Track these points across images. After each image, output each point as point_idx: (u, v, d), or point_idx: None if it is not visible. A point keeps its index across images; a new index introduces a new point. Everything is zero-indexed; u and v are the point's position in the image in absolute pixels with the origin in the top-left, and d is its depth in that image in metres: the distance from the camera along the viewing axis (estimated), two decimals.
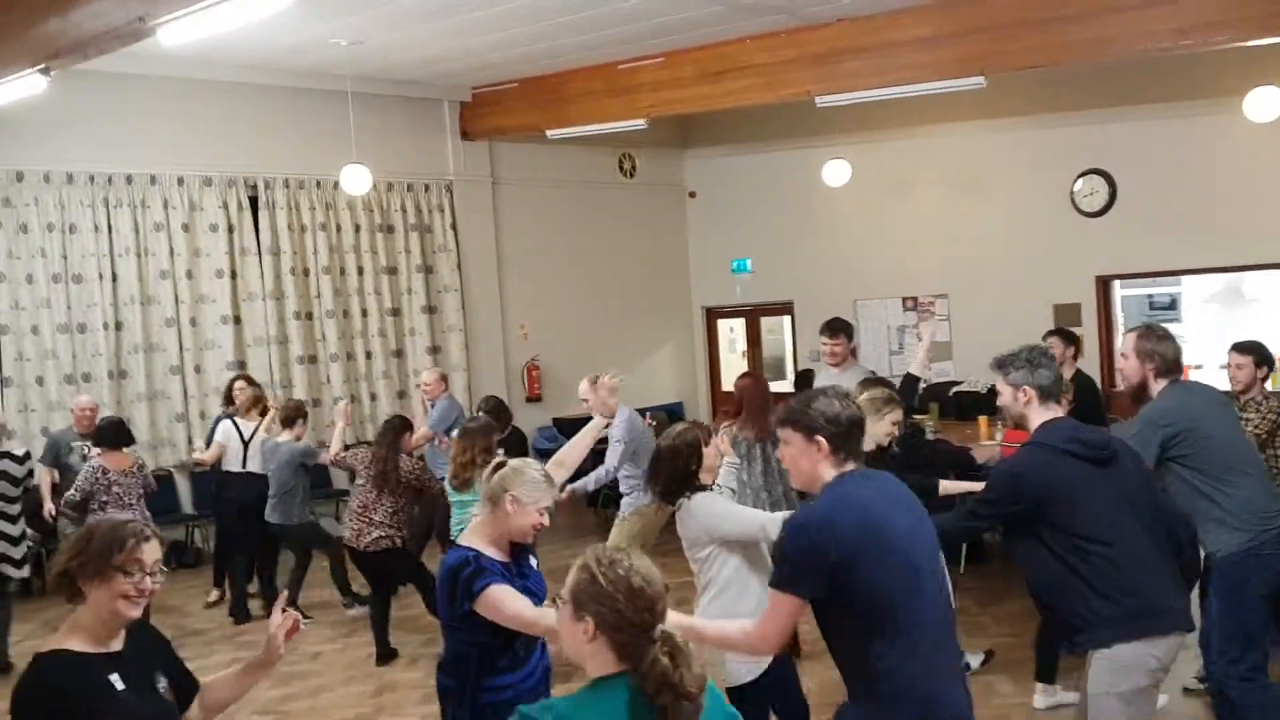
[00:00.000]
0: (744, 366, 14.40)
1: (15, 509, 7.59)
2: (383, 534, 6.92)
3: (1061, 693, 5.38)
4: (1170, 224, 10.69)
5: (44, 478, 8.49)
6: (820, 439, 3.07)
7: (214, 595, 8.92)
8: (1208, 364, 10.10)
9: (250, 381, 9.29)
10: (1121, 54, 8.99)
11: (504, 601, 3.46)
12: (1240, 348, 5.80)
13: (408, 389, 11.81)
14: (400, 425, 7.35)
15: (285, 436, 8.10)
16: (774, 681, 4.02)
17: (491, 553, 3.58)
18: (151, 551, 2.73)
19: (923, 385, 7.66)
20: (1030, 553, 3.67)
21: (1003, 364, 3.80)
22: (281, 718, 6.10)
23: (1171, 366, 4.47)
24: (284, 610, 2.99)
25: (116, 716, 2.60)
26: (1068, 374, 6.71)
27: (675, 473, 4.12)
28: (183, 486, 10.44)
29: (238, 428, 8.54)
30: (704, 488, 4.15)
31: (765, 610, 3.07)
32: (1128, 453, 3.79)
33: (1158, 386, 4.45)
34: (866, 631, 2.95)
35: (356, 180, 9.84)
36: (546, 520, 3.66)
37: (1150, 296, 13.48)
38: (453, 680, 3.64)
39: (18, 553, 7.53)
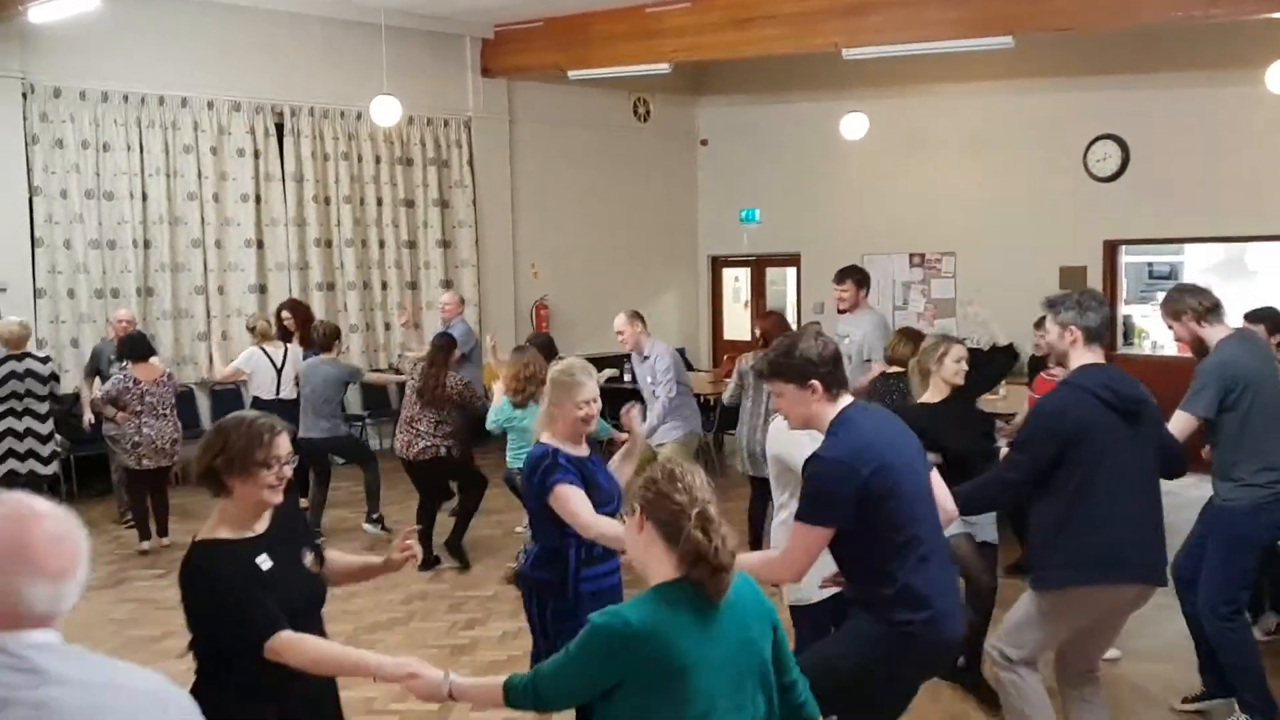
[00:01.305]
0: (747, 316, 14.67)
1: (44, 408, 7.84)
2: (429, 444, 7.37)
3: None
4: (1181, 192, 10.89)
5: (84, 388, 8.71)
6: (814, 383, 3.24)
7: None
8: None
9: (296, 310, 9.44)
10: (1151, 19, 9.14)
11: (568, 500, 3.70)
12: (1253, 316, 5.90)
13: (421, 320, 12.04)
14: (447, 344, 7.69)
15: (325, 357, 8.34)
16: (840, 604, 4.18)
17: (569, 449, 3.83)
18: (284, 444, 2.92)
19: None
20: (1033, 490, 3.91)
21: (1054, 303, 3.98)
22: None
23: (1211, 308, 4.63)
24: (407, 543, 3.23)
25: (267, 592, 2.82)
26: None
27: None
28: (203, 403, 10.68)
29: (268, 355, 8.66)
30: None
31: (792, 541, 3.27)
32: (1154, 410, 3.96)
33: (1217, 333, 4.60)
34: (882, 551, 3.21)
35: (386, 111, 9.98)
36: (594, 409, 3.94)
37: (1150, 265, 13.71)
38: (548, 573, 3.81)
39: (45, 450, 7.77)
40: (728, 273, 15.13)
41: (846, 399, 3.30)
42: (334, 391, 8.30)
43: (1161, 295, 5.25)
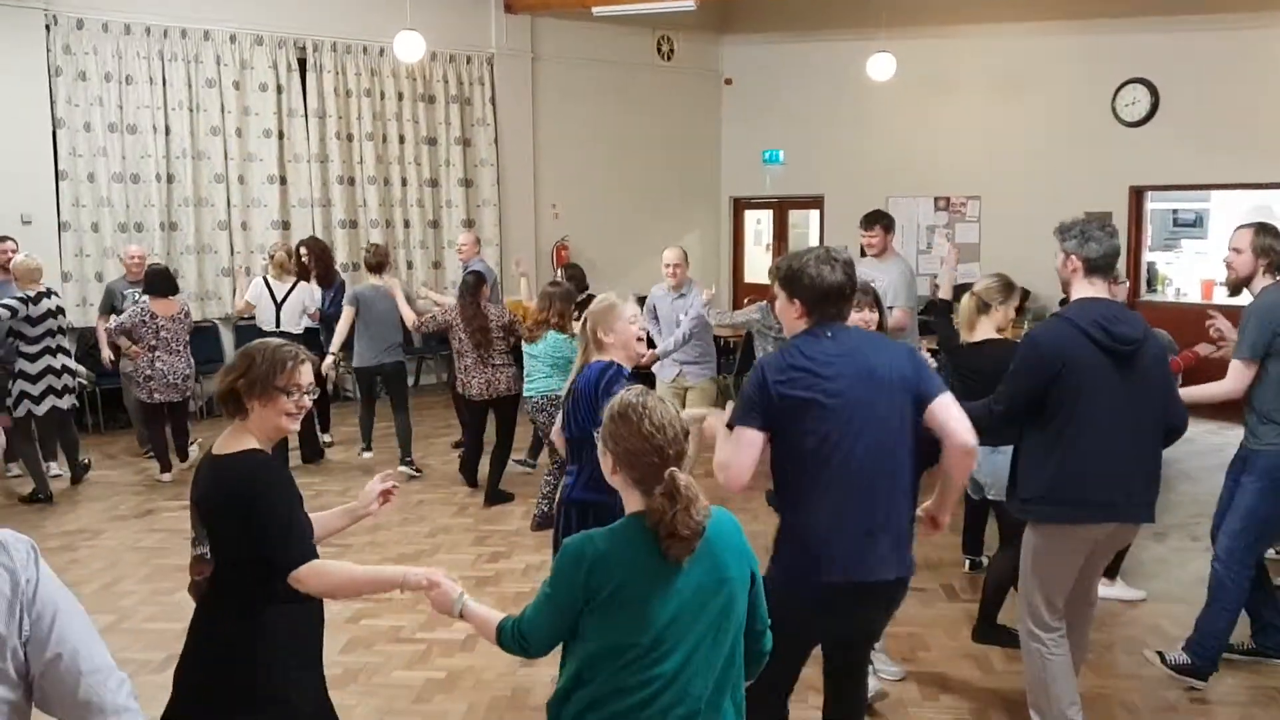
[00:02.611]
0: (768, 259, 14.61)
1: (58, 341, 7.90)
2: (508, 382, 7.60)
3: None
4: (1211, 138, 10.77)
5: (100, 325, 8.77)
6: (797, 301, 3.26)
7: None
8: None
9: (313, 248, 9.42)
10: None
11: None
12: None
13: (443, 260, 12.06)
14: (475, 281, 7.74)
15: (375, 280, 8.46)
16: None
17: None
18: (306, 374, 2.90)
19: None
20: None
21: (1062, 229, 3.94)
22: (343, 550, 6.46)
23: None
24: (387, 474, 3.21)
25: (301, 506, 2.88)
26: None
27: None
28: (226, 338, 10.75)
29: (269, 286, 8.66)
30: None
31: (726, 446, 3.25)
32: (1155, 350, 3.90)
33: (1263, 282, 4.60)
34: (789, 478, 3.20)
35: (409, 47, 9.91)
36: (640, 330, 4.17)
37: (1175, 212, 13.57)
38: (600, 493, 3.50)
39: (60, 383, 7.86)
40: (749, 214, 15.05)
41: (828, 329, 3.25)
42: (398, 317, 8.35)
43: (1186, 242, 5.19)
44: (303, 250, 9.30)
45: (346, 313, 8.34)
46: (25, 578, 1.85)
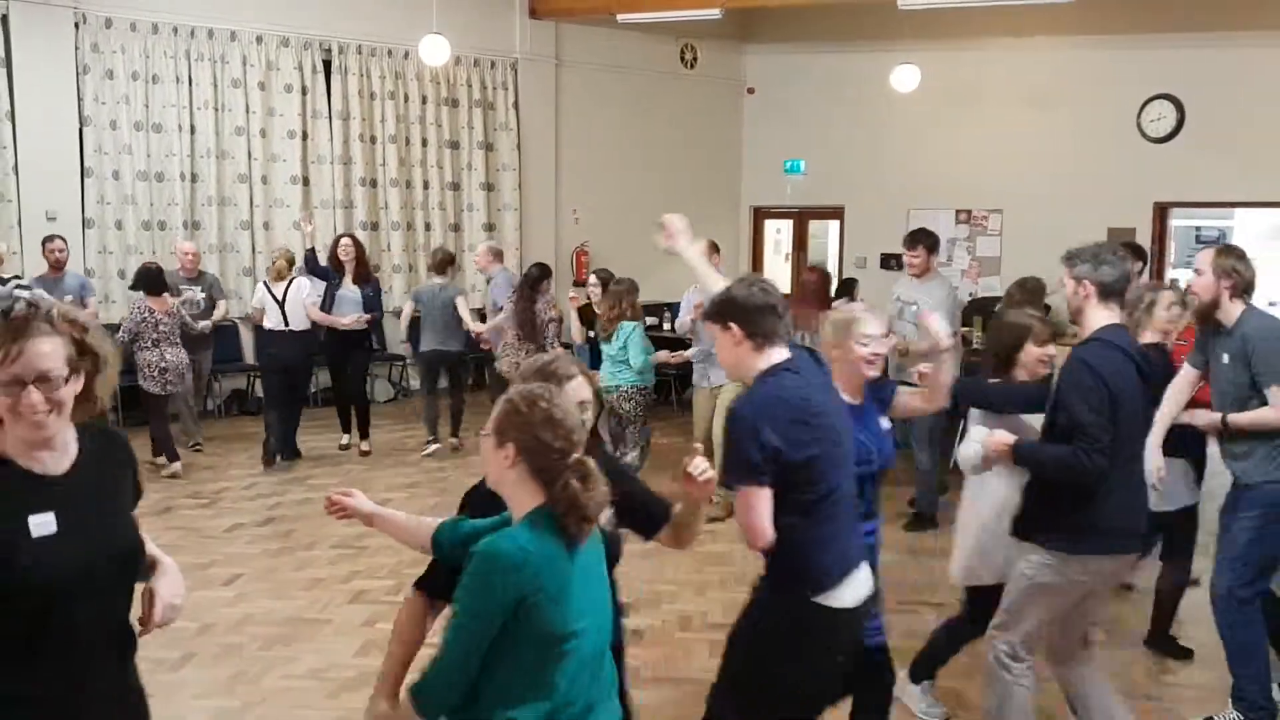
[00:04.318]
0: (788, 269, 14.60)
1: None
2: None
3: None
4: (1236, 155, 10.71)
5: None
6: (733, 326, 3.13)
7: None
8: (1257, 302, 10.20)
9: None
10: None
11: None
12: None
13: (464, 264, 12.08)
14: (539, 274, 8.39)
15: (439, 280, 9.11)
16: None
17: (847, 396, 3.59)
18: (38, 360, 2.12)
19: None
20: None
21: (1070, 256, 3.82)
22: (359, 552, 6.50)
23: (1247, 287, 4.42)
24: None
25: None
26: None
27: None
28: (246, 338, 10.78)
29: (270, 291, 8.77)
30: None
31: (736, 510, 3.15)
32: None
33: (1233, 307, 4.39)
34: (795, 528, 3.06)
35: (435, 51, 9.92)
36: (869, 351, 3.64)
37: (1198, 229, 13.52)
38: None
39: None
40: (769, 224, 15.03)
41: (778, 353, 3.14)
42: (449, 311, 8.93)
43: None
44: (344, 242, 9.25)
45: (407, 308, 9.15)
46: None
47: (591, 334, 8.13)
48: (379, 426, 9.90)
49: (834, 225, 14.30)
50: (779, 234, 15.16)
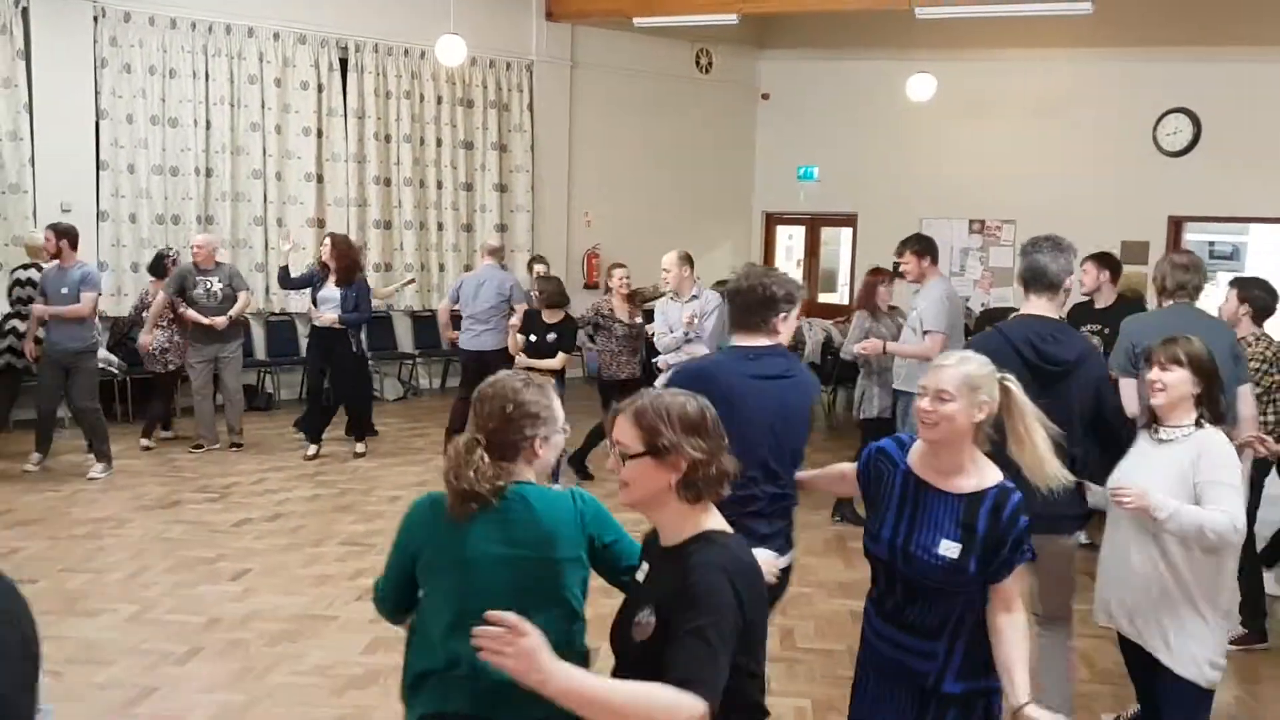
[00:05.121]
0: (799, 275, 14.58)
1: None
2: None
3: None
4: (1252, 171, 10.66)
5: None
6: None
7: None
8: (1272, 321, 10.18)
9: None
10: None
11: None
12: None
13: (474, 263, 12.06)
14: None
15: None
16: None
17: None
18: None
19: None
20: None
21: (1022, 247, 4.07)
22: (367, 549, 6.49)
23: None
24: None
25: None
26: (1103, 301, 6.89)
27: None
28: (258, 334, 10.80)
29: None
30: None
31: None
32: (1091, 370, 3.88)
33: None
34: None
35: (451, 51, 9.94)
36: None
37: (1212, 244, 13.45)
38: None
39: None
40: (781, 230, 15.03)
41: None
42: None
43: (1223, 275, 5.26)
44: (326, 243, 9.04)
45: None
46: None
47: (639, 319, 8.26)
48: (387, 425, 9.93)
49: (846, 232, 14.28)
50: (791, 240, 15.15)
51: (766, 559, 2.89)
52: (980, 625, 2.77)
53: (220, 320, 8.64)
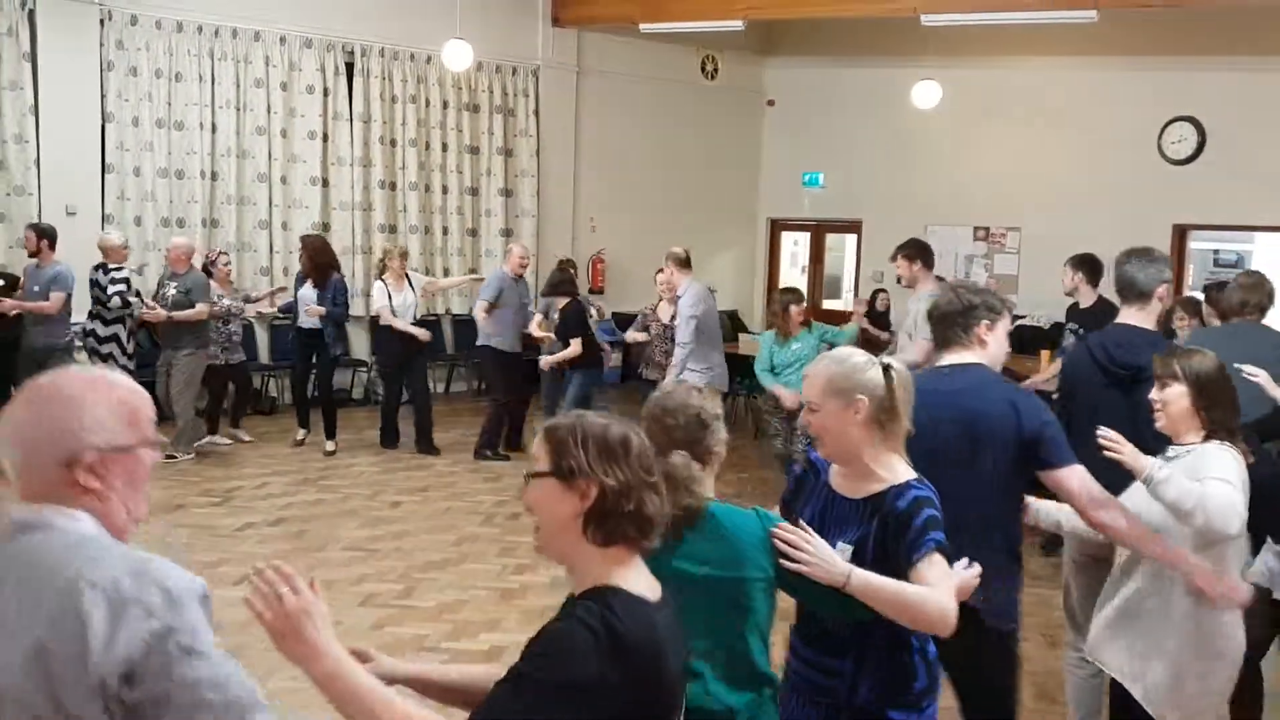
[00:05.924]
0: (803, 282, 14.57)
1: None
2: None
3: None
4: (1257, 180, 10.65)
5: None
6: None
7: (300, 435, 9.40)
8: (1273, 323, 10.16)
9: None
10: None
11: None
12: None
13: (480, 268, 12.08)
14: None
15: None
16: None
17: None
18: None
19: None
20: None
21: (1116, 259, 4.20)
22: (370, 554, 6.48)
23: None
24: None
25: None
26: (1085, 302, 6.92)
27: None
28: (261, 337, 10.81)
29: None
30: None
31: None
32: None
33: None
34: None
35: (457, 56, 9.94)
36: None
37: (1216, 252, 13.44)
38: None
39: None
40: (786, 236, 15.04)
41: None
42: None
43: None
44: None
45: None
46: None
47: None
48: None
49: (851, 239, 14.28)
50: (795, 246, 15.16)
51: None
52: (893, 645, 2.68)
53: (156, 314, 8.45)
